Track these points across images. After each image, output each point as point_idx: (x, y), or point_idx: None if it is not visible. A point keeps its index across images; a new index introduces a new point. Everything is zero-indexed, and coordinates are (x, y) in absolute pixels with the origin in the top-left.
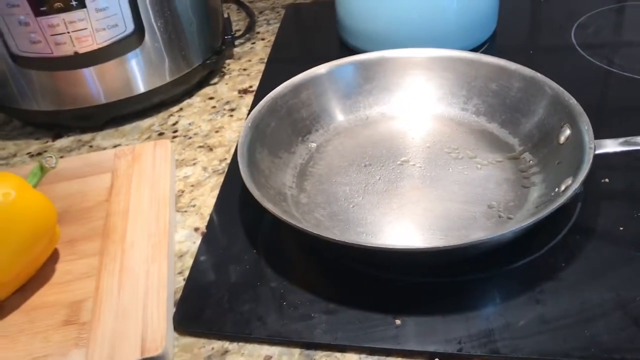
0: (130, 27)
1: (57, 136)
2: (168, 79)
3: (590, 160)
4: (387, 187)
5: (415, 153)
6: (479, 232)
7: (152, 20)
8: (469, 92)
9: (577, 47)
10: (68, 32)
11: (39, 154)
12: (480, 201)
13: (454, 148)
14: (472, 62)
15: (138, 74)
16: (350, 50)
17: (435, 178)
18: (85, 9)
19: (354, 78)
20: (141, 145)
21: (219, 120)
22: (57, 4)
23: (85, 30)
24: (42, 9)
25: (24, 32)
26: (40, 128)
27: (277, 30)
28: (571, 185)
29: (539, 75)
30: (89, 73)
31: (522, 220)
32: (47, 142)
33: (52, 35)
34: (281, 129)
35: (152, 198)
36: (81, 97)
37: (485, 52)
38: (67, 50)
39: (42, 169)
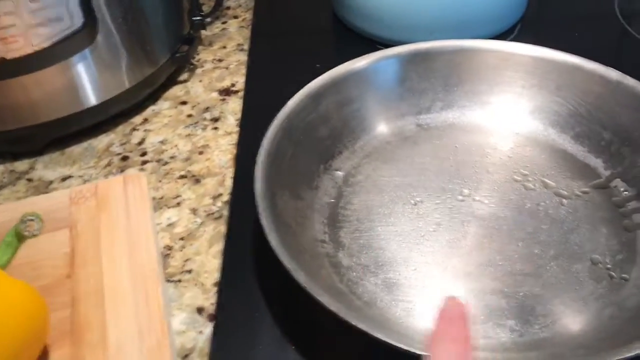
0: (79, 20)
1: None
2: (128, 85)
3: None
4: (453, 237)
5: (475, 181)
6: (597, 304)
7: (107, 8)
8: (531, 94)
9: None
10: None
11: None
12: (579, 254)
13: (524, 174)
14: (534, 59)
15: (89, 81)
16: (349, 29)
17: (511, 221)
18: None
19: (392, 78)
20: (105, 182)
21: (201, 135)
22: None
23: (13, 28)
24: None
25: None
26: None
27: (253, 5)
28: None
29: (629, 79)
30: (22, 84)
31: None
32: None
33: None
34: (299, 157)
35: (134, 267)
36: (12, 116)
37: (519, 36)
38: None
39: (19, 238)
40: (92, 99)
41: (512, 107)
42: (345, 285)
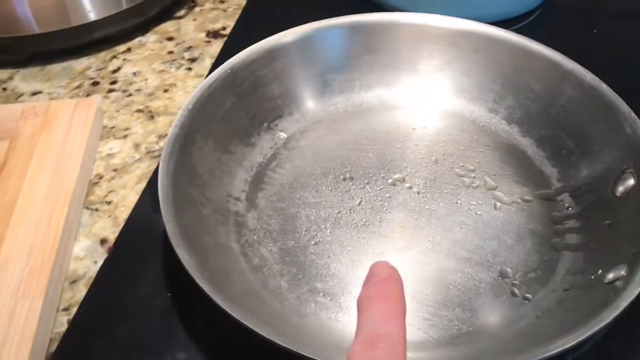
0: None
1: None
2: (125, 5)
3: None
4: (368, 220)
5: (416, 168)
6: (484, 317)
7: None
8: (502, 87)
9: None
10: None
11: None
12: (491, 263)
13: (470, 169)
14: (513, 47)
15: None
16: None
17: (435, 214)
18: None
19: (351, 46)
20: (58, 102)
21: (172, 73)
22: None
23: None
24: None
25: None
26: None
27: None
28: (627, 283)
29: (604, 87)
30: None
31: (545, 311)
32: None
33: None
34: (240, 110)
35: (53, 187)
36: (3, 24)
37: (535, 23)
38: None
39: None
40: (87, 15)
41: (482, 99)
42: (241, 245)
